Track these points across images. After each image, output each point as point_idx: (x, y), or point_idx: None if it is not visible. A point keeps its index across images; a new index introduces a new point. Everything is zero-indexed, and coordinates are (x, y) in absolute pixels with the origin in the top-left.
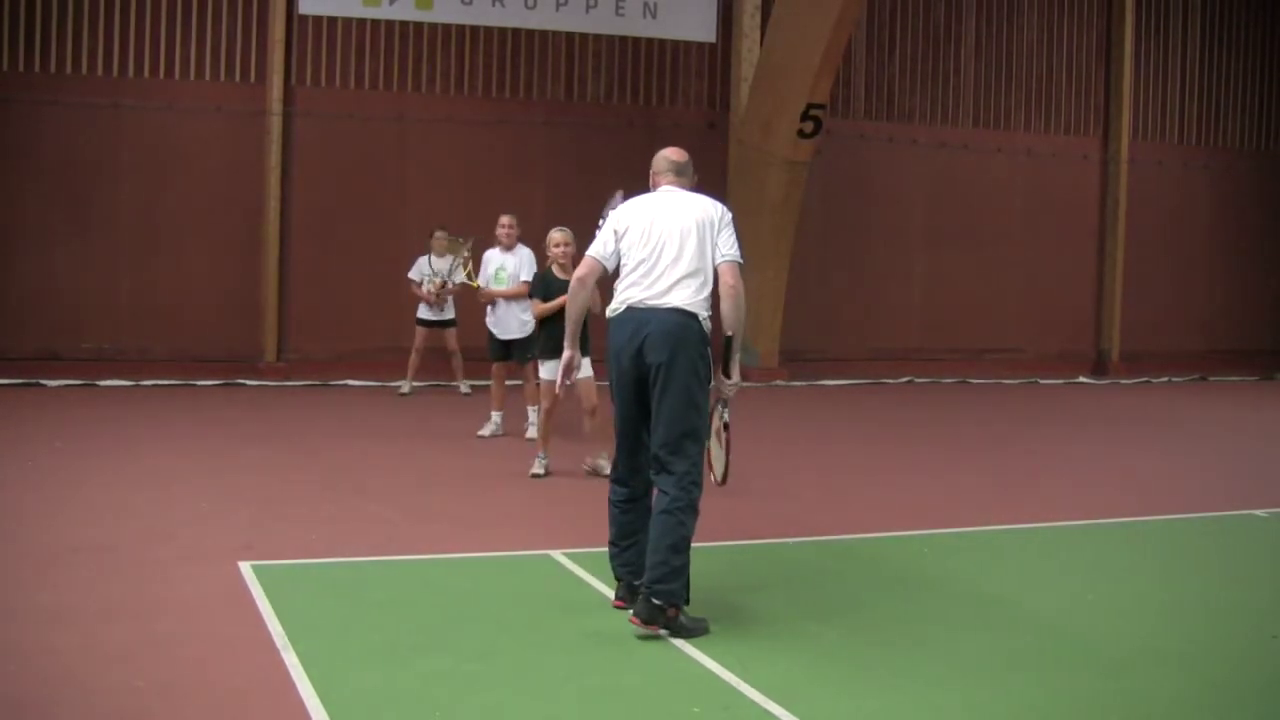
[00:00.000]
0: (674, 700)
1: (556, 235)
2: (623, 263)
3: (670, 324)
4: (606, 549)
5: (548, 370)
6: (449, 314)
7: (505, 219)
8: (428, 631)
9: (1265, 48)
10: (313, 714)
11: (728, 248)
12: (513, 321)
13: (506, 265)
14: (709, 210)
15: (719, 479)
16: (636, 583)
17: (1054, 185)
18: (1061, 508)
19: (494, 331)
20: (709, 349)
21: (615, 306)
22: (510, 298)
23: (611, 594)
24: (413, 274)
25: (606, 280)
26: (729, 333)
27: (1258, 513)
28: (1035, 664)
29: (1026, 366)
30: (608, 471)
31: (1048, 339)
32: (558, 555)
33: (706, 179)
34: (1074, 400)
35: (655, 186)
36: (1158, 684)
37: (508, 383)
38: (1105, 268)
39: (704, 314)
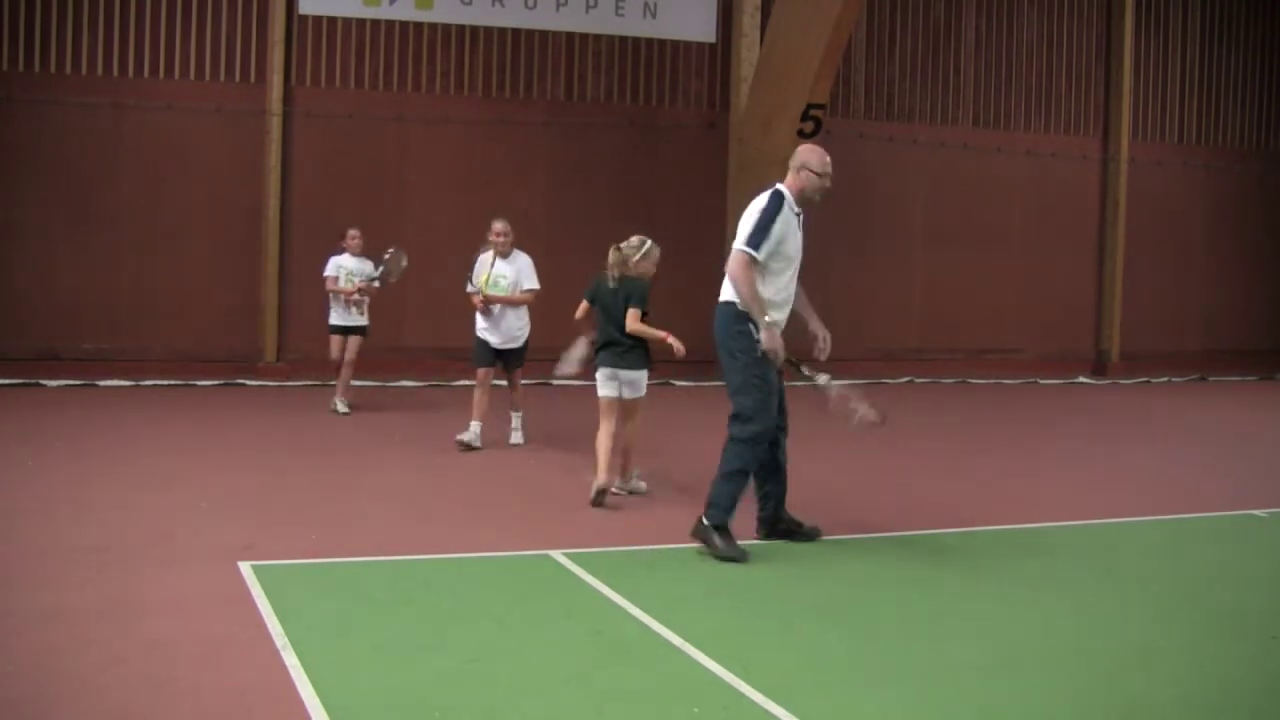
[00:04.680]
0: (674, 700)
1: (497, 225)
2: None
3: (717, 314)
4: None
5: (609, 388)
6: (364, 319)
7: (499, 225)
8: (428, 631)
9: (1265, 47)
10: (313, 714)
11: (737, 237)
12: (511, 329)
13: (506, 273)
14: (749, 207)
15: (878, 419)
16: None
17: (1054, 185)
18: (1061, 508)
19: (487, 338)
20: (742, 325)
21: None
22: (513, 305)
23: (611, 593)
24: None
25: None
26: (740, 307)
27: (1258, 513)
28: (1035, 663)
29: (1026, 366)
30: (644, 488)
31: (1047, 339)
32: (557, 555)
33: (707, 179)
34: (1074, 400)
35: None
36: (1157, 684)
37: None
38: (1105, 267)
39: (737, 299)
